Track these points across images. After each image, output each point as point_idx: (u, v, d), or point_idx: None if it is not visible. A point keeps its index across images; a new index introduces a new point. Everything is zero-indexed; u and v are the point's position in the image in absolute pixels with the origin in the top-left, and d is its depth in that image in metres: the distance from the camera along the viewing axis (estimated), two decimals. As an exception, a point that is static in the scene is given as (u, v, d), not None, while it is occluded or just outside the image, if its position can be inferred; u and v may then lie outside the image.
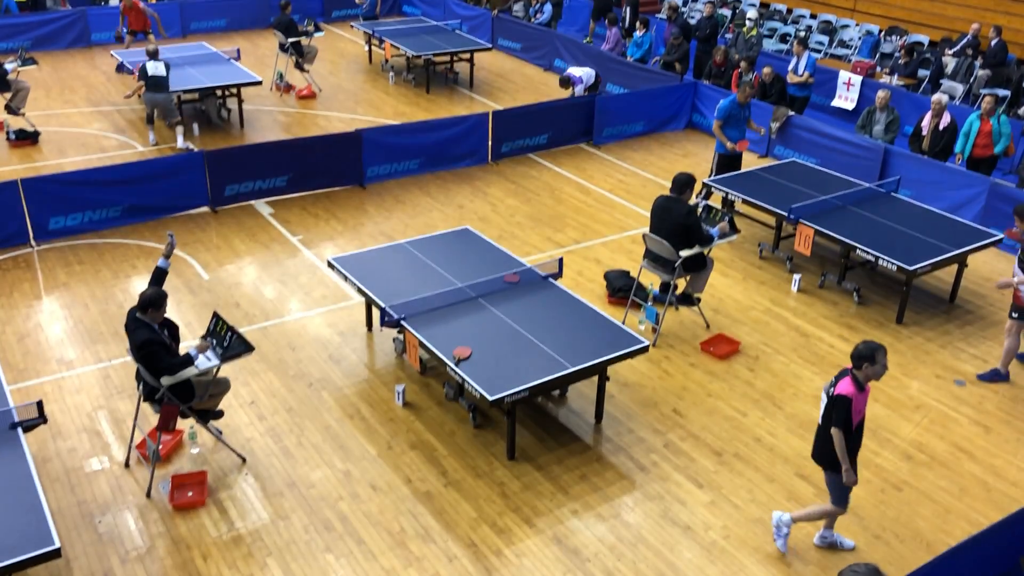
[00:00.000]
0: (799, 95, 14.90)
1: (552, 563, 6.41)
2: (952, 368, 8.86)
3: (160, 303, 6.77)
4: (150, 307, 6.74)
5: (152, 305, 6.73)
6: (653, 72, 15.91)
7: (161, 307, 6.79)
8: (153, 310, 6.77)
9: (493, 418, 7.86)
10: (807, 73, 14.68)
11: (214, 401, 7.24)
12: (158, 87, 13.03)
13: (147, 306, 6.72)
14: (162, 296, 6.80)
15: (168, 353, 6.72)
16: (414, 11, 21.88)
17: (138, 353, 6.66)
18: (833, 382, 6.06)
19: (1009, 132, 11.82)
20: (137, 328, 6.68)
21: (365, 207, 11.96)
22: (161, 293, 6.81)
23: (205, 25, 19.89)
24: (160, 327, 6.84)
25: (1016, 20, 16.99)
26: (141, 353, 6.63)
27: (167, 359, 6.66)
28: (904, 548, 6.66)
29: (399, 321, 7.70)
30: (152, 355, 6.62)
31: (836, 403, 5.94)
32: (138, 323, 6.71)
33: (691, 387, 8.43)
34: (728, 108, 11.58)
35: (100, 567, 6.27)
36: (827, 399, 6.06)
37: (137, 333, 6.65)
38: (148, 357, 6.62)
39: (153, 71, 12.98)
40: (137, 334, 6.64)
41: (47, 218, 10.67)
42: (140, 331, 6.65)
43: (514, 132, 13.61)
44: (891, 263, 9.15)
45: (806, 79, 14.71)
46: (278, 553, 6.43)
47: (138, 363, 6.77)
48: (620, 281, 9.83)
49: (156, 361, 6.62)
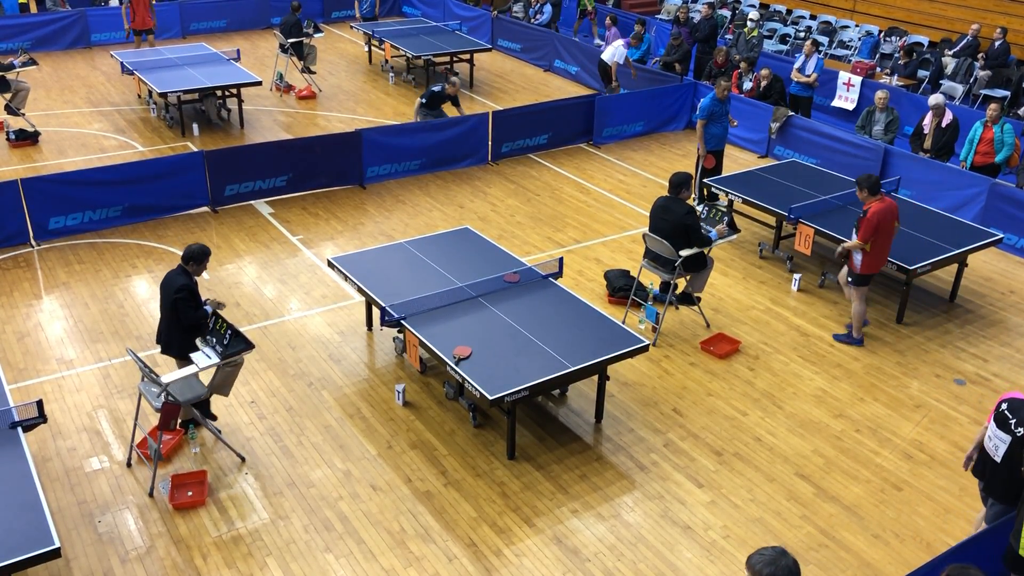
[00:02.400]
0: (803, 95, 14.85)
1: (552, 563, 6.41)
2: (952, 367, 8.87)
3: (203, 258, 7.16)
4: (192, 260, 7.15)
5: (195, 258, 7.14)
6: (653, 72, 15.91)
7: (203, 262, 7.19)
8: (195, 263, 7.17)
9: (493, 417, 7.86)
10: (815, 74, 14.63)
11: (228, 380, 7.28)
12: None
13: (190, 258, 7.13)
14: (206, 252, 7.18)
15: (195, 306, 7.13)
16: (414, 12, 21.89)
17: (173, 297, 7.01)
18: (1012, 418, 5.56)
19: (1012, 142, 11.66)
20: (177, 275, 7.10)
21: (365, 207, 11.96)
22: (206, 249, 7.19)
23: (205, 26, 19.90)
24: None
25: (1016, 21, 16.99)
26: (175, 297, 6.99)
27: (191, 310, 7.07)
28: (904, 548, 6.66)
29: (399, 320, 7.70)
30: (183, 300, 7.01)
31: None
32: (180, 271, 7.14)
33: (691, 386, 8.43)
34: (710, 106, 11.64)
35: (100, 567, 6.27)
36: (1012, 439, 5.57)
37: (177, 279, 7.06)
38: (178, 302, 7.00)
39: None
40: (176, 279, 7.05)
41: (47, 218, 10.67)
42: (180, 277, 7.07)
43: (514, 132, 13.62)
44: (891, 262, 9.15)
45: (814, 80, 14.65)
46: (278, 553, 6.43)
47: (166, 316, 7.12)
48: (620, 281, 9.83)
49: (184, 307, 7.02)
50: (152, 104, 14.92)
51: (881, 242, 8.67)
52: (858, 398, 8.33)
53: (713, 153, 11.93)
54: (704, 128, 11.75)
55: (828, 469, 7.42)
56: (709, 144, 11.85)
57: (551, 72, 18.33)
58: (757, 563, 3.77)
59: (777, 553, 3.79)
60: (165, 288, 7.18)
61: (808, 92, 14.89)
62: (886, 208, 8.58)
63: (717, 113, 11.68)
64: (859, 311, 8.99)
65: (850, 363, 8.85)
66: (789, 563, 3.76)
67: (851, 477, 7.33)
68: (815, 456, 7.56)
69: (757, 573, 3.76)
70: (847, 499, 7.10)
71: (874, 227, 8.52)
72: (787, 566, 3.75)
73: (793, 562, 3.77)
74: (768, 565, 3.75)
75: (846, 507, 7.01)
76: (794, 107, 14.65)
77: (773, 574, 3.74)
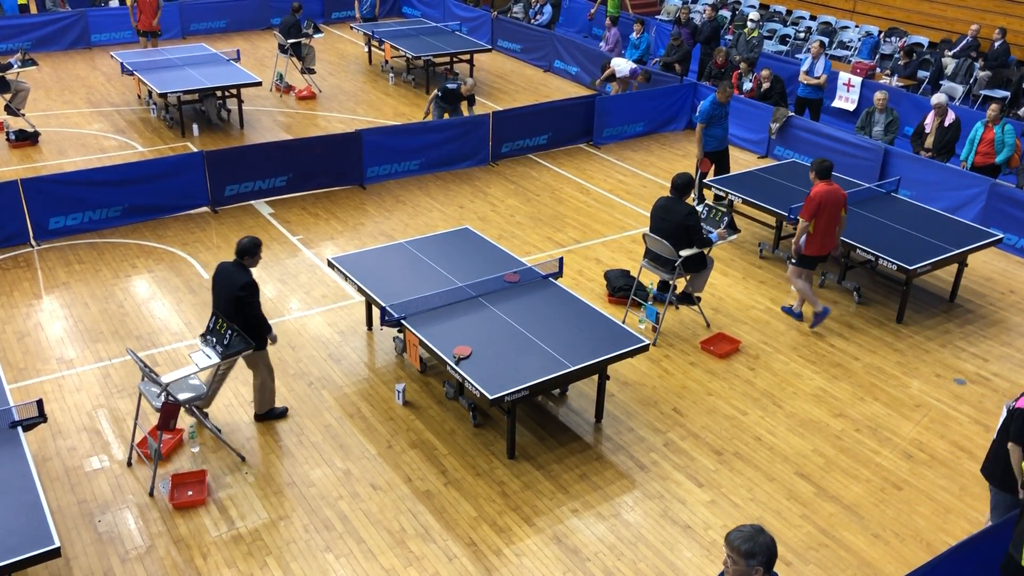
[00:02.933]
0: (813, 97, 14.70)
1: (552, 562, 6.41)
2: (952, 367, 8.87)
3: (256, 250, 7.24)
4: (247, 254, 7.21)
5: (248, 252, 7.21)
6: (653, 73, 15.91)
7: (256, 254, 7.26)
8: (250, 257, 7.25)
9: (493, 417, 7.86)
10: (824, 76, 14.57)
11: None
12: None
13: (244, 252, 7.19)
14: (257, 243, 7.24)
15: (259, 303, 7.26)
16: (414, 12, 21.90)
17: (236, 294, 7.05)
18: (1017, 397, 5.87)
19: (1013, 143, 11.64)
20: (238, 271, 7.16)
21: (365, 207, 11.96)
22: (256, 240, 7.23)
23: (205, 26, 19.91)
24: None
25: (1016, 21, 17.00)
26: (239, 295, 7.04)
27: (256, 308, 7.20)
28: (904, 547, 6.66)
29: (399, 320, 7.70)
30: (247, 299, 7.10)
31: (1016, 416, 5.76)
32: (240, 267, 7.20)
33: (691, 386, 8.43)
34: (709, 110, 11.64)
35: (100, 567, 6.27)
36: (1007, 413, 5.91)
37: (239, 275, 7.11)
38: (242, 300, 7.07)
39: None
40: (239, 276, 7.11)
41: (47, 218, 10.67)
42: (242, 274, 7.14)
43: (514, 133, 13.62)
44: (891, 263, 9.15)
45: (823, 81, 14.59)
46: (278, 552, 6.43)
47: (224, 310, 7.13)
48: (620, 280, 9.83)
49: (248, 305, 7.12)
50: (152, 104, 14.93)
51: (824, 225, 8.90)
52: (858, 398, 8.34)
53: (713, 154, 11.93)
54: (703, 131, 11.75)
55: (828, 468, 7.42)
56: (709, 145, 11.84)
57: (551, 72, 18.33)
58: (736, 539, 3.81)
59: (755, 530, 3.82)
60: (224, 282, 7.19)
61: (818, 94, 14.71)
62: (831, 192, 8.82)
63: (717, 116, 11.68)
64: (802, 287, 9.23)
65: (850, 363, 8.85)
66: (767, 540, 3.79)
67: (851, 477, 7.33)
68: (815, 456, 7.56)
69: (735, 549, 3.80)
70: (847, 498, 7.10)
71: (815, 206, 8.77)
72: (765, 543, 3.78)
73: (771, 539, 3.81)
74: (746, 541, 3.78)
75: (846, 506, 7.01)
76: (801, 110, 14.61)
77: (751, 550, 3.77)
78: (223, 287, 7.22)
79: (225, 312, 7.15)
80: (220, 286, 7.26)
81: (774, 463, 7.47)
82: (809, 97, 14.74)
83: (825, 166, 8.88)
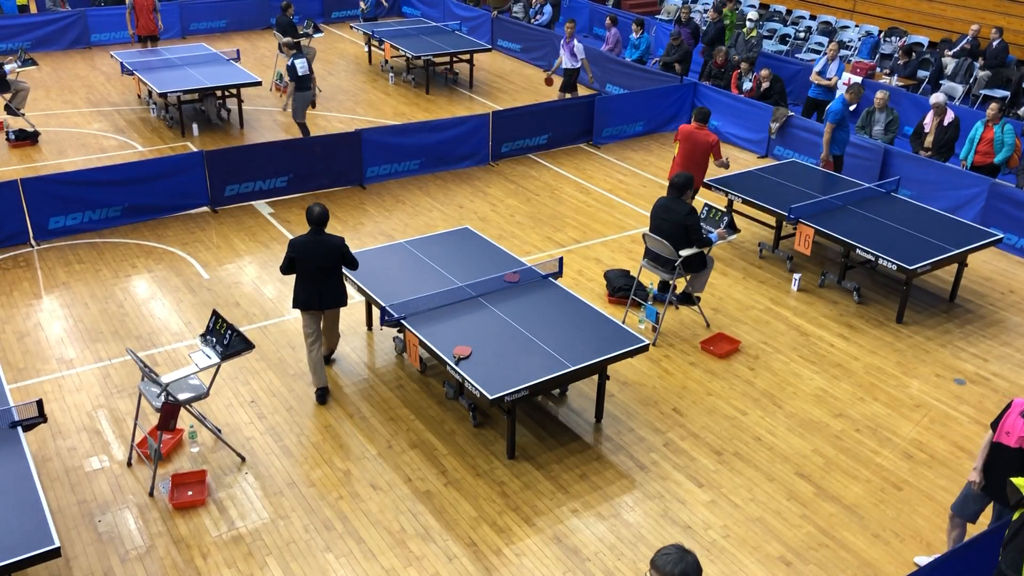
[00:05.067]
0: (824, 99, 14.52)
1: (552, 562, 6.41)
2: (952, 367, 8.87)
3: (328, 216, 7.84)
4: (323, 222, 7.77)
5: (325, 220, 7.77)
6: (653, 73, 15.91)
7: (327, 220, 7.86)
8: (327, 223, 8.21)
9: (493, 417, 7.86)
10: (836, 78, 14.52)
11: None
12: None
13: (323, 220, 7.75)
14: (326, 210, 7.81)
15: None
16: (414, 12, 21.90)
17: (342, 251, 7.77)
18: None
19: (1013, 143, 11.63)
20: (329, 236, 7.78)
21: (365, 207, 11.96)
22: (324, 208, 7.78)
23: (205, 26, 19.90)
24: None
25: (1016, 21, 17.01)
26: (344, 251, 7.79)
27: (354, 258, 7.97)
28: (904, 547, 6.66)
29: (399, 320, 7.70)
30: (349, 253, 7.84)
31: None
32: (319, 233, 7.75)
33: (691, 386, 8.43)
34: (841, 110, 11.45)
35: (100, 567, 6.27)
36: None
37: (333, 239, 7.76)
38: (345, 257, 7.82)
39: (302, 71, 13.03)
40: (333, 239, 7.76)
41: (47, 218, 10.67)
42: (334, 237, 7.80)
43: (514, 132, 13.62)
44: (891, 262, 9.15)
45: (834, 83, 14.53)
46: (278, 552, 6.43)
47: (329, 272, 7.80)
48: (620, 280, 9.83)
49: (351, 257, 7.89)
50: (152, 104, 14.92)
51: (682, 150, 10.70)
52: (858, 398, 8.34)
53: (838, 158, 11.70)
54: (833, 132, 11.45)
55: (828, 469, 7.42)
56: (836, 149, 11.56)
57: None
58: (665, 564, 3.77)
59: (680, 550, 3.81)
60: (324, 250, 7.69)
61: (829, 96, 14.65)
62: (691, 128, 10.66)
63: (846, 118, 11.44)
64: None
65: (850, 363, 8.86)
66: (694, 559, 3.80)
67: (851, 477, 7.34)
68: (815, 456, 7.56)
69: (668, 574, 3.76)
70: (847, 499, 7.10)
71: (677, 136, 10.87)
72: (693, 562, 3.79)
73: (695, 558, 3.81)
74: (677, 564, 3.76)
75: (846, 507, 7.01)
76: (810, 111, 14.58)
77: (684, 571, 3.75)
78: (322, 254, 7.71)
79: (329, 276, 7.81)
80: (319, 253, 7.71)
81: (774, 463, 7.47)
82: (819, 99, 14.62)
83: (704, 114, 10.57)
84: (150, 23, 16.53)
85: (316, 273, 7.71)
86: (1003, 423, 5.80)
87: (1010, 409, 5.79)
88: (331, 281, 7.79)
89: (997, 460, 5.85)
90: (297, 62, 12.87)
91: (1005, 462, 5.80)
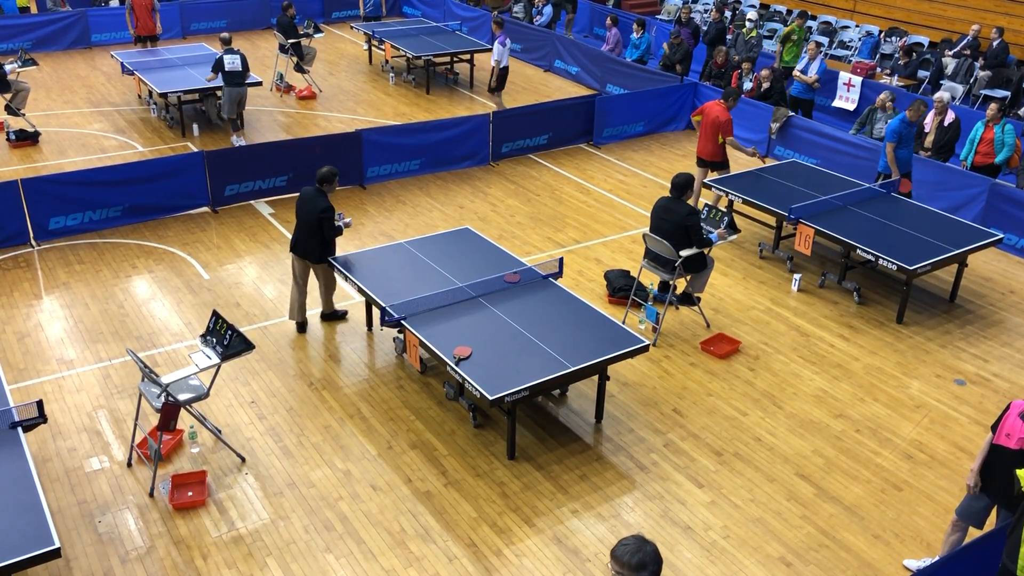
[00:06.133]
0: (804, 97, 14.78)
1: (552, 563, 6.41)
2: (952, 367, 8.87)
3: (333, 179, 8.42)
4: (325, 182, 8.37)
5: (327, 180, 8.37)
6: (653, 73, 15.92)
7: (334, 181, 8.44)
8: (327, 184, 8.43)
9: (493, 418, 7.86)
10: (815, 76, 14.59)
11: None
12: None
13: (324, 180, 8.33)
14: (335, 172, 8.41)
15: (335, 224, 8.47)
16: (414, 12, 21.90)
17: (319, 216, 8.23)
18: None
19: (1013, 143, 11.62)
20: (318, 196, 8.31)
21: (365, 207, 11.96)
22: (334, 169, 8.38)
23: (205, 26, 19.90)
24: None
25: (1016, 21, 17.00)
26: (321, 217, 8.22)
27: (333, 227, 8.39)
28: (904, 548, 6.66)
29: (399, 321, 7.70)
30: (328, 220, 8.28)
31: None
32: (320, 193, 8.36)
33: (691, 387, 8.43)
34: (899, 128, 10.93)
35: (100, 567, 6.27)
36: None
37: (319, 200, 8.28)
38: (324, 221, 8.26)
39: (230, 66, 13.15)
40: (319, 200, 8.27)
41: (47, 218, 10.67)
42: (322, 199, 8.30)
43: (514, 132, 13.61)
44: (891, 263, 9.15)
45: (814, 81, 14.61)
46: (278, 553, 6.43)
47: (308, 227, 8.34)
48: (620, 281, 9.82)
49: (328, 225, 8.32)
50: (152, 104, 14.92)
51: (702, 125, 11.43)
52: (858, 398, 8.34)
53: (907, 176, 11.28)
54: (895, 151, 11.06)
55: (828, 469, 7.42)
56: (901, 168, 11.14)
57: (551, 72, 18.34)
58: (624, 554, 3.78)
59: (640, 540, 3.81)
60: (307, 206, 8.29)
61: (810, 94, 14.82)
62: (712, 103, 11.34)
63: (906, 136, 11.02)
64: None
65: (850, 363, 8.86)
66: (653, 548, 3.80)
67: (851, 477, 7.33)
68: (815, 456, 7.56)
69: (625, 564, 3.76)
70: (847, 499, 7.10)
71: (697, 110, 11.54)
72: (651, 551, 3.78)
73: (655, 547, 3.80)
74: (635, 554, 3.76)
75: (846, 507, 7.01)
76: (794, 109, 14.63)
77: (642, 561, 3.75)
78: (305, 209, 8.33)
79: (307, 231, 8.34)
80: (303, 207, 8.38)
81: (774, 464, 7.47)
82: (801, 96, 14.79)
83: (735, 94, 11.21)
84: (149, 23, 16.53)
85: (300, 224, 8.47)
86: (1003, 425, 5.79)
87: (1009, 411, 5.78)
88: (310, 236, 8.42)
89: (998, 463, 5.84)
90: (226, 58, 13.14)
91: (1006, 464, 5.79)
